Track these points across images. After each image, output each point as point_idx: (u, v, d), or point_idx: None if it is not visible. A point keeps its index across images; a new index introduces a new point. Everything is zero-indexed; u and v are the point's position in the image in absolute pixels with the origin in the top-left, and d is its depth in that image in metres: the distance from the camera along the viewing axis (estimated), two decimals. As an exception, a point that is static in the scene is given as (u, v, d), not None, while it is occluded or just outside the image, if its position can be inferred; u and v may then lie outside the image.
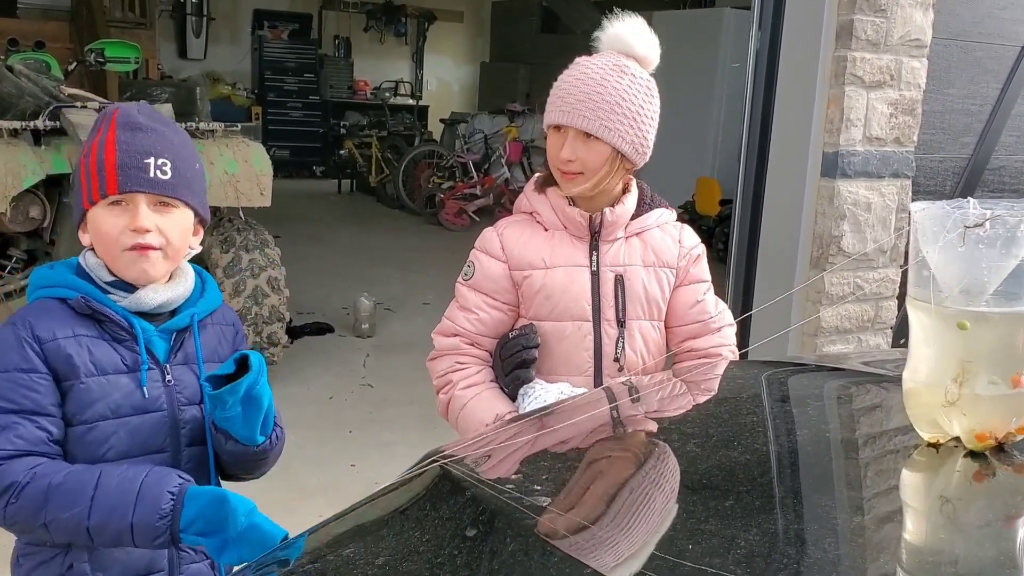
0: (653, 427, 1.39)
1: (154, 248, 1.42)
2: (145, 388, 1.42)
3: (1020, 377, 1.00)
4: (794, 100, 3.83)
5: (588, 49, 1.79)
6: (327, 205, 11.00)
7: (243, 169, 4.40)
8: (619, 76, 1.69)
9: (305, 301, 6.08)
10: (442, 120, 12.01)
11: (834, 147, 3.74)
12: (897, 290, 4.01)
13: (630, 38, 1.73)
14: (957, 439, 1.04)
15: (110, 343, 1.43)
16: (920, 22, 3.81)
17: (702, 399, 1.52)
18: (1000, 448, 1.03)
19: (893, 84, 3.79)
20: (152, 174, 1.41)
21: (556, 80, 1.75)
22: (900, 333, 4.01)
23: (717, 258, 7.41)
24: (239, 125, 4.76)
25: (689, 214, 8.70)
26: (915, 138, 3.92)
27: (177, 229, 1.45)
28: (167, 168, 1.42)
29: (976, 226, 0.97)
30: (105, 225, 1.41)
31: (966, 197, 0.97)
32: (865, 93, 3.72)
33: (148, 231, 1.41)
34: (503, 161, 10.24)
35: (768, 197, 3.98)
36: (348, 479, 3.75)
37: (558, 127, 1.71)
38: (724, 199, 8.02)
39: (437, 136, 12.13)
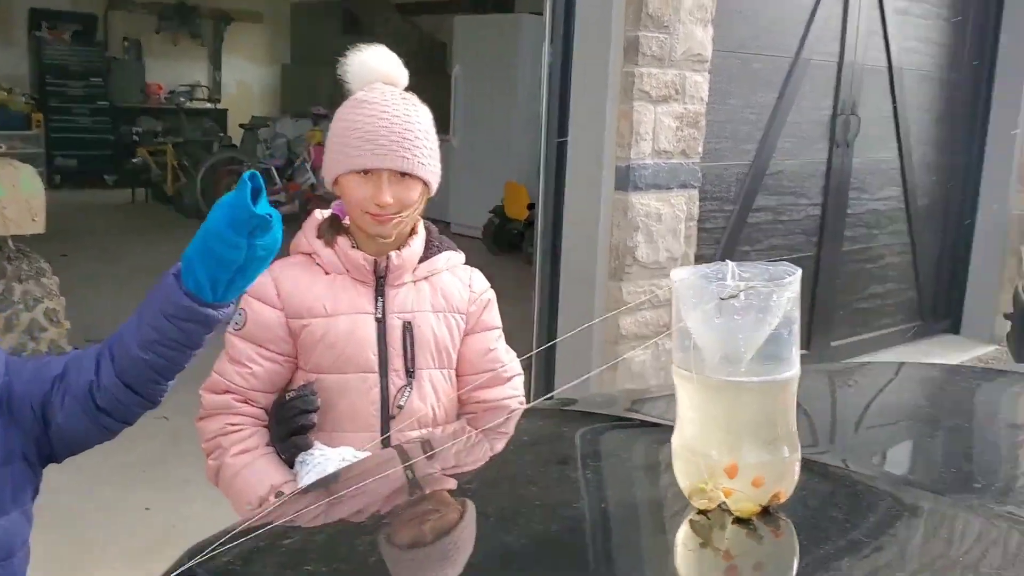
0: (452, 484, 1.33)
1: None
2: None
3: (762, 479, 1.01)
4: (587, 114, 3.90)
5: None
6: (120, 217, 10.36)
7: (10, 193, 4.06)
8: (415, 110, 1.65)
9: (94, 328, 5.65)
10: (242, 125, 11.57)
11: (626, 160, 3.83)
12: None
13: (387, 66, 1.68)
14: (724, 504, 1.04)
15: None
16: (701, 37, 3.95)
17: (500, 451, 1.48)
18: (766, 511, 1.04)
19: (678, 98, 3.92)
20: None
21: (341, 121, 1.65)
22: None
23: (527, 261, 7.50)
24: (15, 134, 4.38)
25: (499, 218, 8.78)
26: (700, 149, 4.08)
27: None
28: None
29: (731, 297, 0.97)
30: None
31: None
32: (652, 108, 3.83)
33: None
34: (308, 166, 9.97)
35: (568, 209, 4.04)
36: (142, 526, 3.50)
37: (366, 171, 1.62)
38: (532, 204, 8.13)
39: (237, 141, 11.68)
